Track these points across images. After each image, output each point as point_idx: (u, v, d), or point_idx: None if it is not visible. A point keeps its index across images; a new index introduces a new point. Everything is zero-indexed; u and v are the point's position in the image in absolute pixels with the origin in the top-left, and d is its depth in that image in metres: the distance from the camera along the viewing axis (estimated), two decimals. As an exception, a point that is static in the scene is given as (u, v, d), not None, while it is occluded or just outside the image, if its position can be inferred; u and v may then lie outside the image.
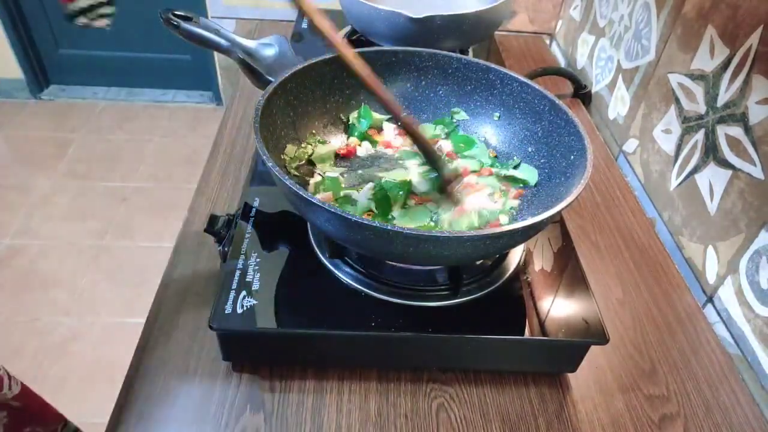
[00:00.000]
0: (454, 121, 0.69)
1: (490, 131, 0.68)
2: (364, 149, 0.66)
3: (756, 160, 0.60)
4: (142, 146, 2.20)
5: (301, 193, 0.44)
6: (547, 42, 1.31)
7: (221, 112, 0.95)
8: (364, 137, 0.67)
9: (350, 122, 0.68)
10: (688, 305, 0.66)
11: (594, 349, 0.54)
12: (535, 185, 0.61)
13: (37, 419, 0.68)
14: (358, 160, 0.66)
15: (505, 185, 0.62)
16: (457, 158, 0.65)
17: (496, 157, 0.66)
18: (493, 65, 0.65)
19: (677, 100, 0.76)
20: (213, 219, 0.60)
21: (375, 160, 0.66)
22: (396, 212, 0.57)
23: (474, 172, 0.64)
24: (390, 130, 0.69)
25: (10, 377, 0.63)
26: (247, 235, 0.58)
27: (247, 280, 0.53)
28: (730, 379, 0.58)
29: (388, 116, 0.69)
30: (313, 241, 0.58)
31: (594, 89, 1.03)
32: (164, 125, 2.33)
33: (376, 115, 0.68)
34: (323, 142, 0.66)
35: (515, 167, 0.64)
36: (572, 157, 0.56)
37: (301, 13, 0.54)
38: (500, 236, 0.45)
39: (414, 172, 0.63)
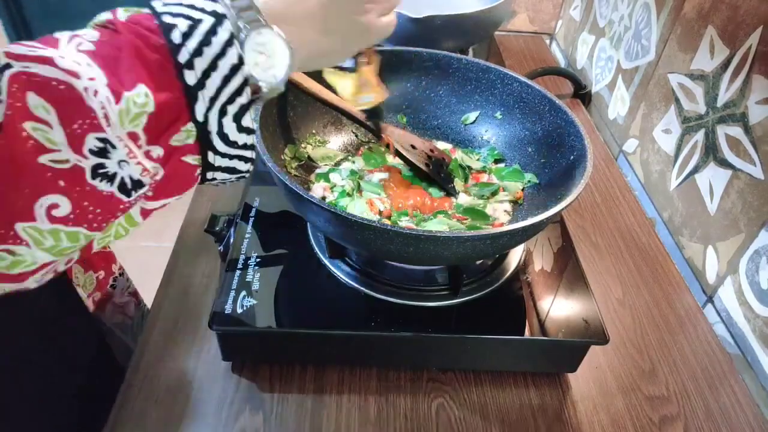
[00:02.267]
0: (490, 148, 0.68)
1: (490, 131, 0.68)
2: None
3: (756, 160, 0.60)
4: (142, 146, 2.20)
5: (301, 193, 0.44)
6: (547, 42, 1.31)
7: (221, 112, 0.94)
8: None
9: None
10: (688, 305, 0.66)
11: (594, 349, 0.54)
12: (536, 185, 0.61)
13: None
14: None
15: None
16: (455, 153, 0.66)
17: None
18: (493, 65, 0.65)
19: (677, 100, 0.76)
20: (213, 219, 0.60)
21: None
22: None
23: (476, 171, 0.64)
24: None
25: None
26: (247, 235, 0.58)
27: (247, 280, 0.53)
28: (730, 379, 0.58)
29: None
30: (313, 241, 0.58)
31: (594, 89, 1.03)
32: (164, 125, 2.33)
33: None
34: (323, 142, 0.66)
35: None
36: (572, 157, 0.56)
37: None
38: (500, 236, 0.45)
39: None
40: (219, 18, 0.31)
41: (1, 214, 0.26)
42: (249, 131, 0.34)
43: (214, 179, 0.35)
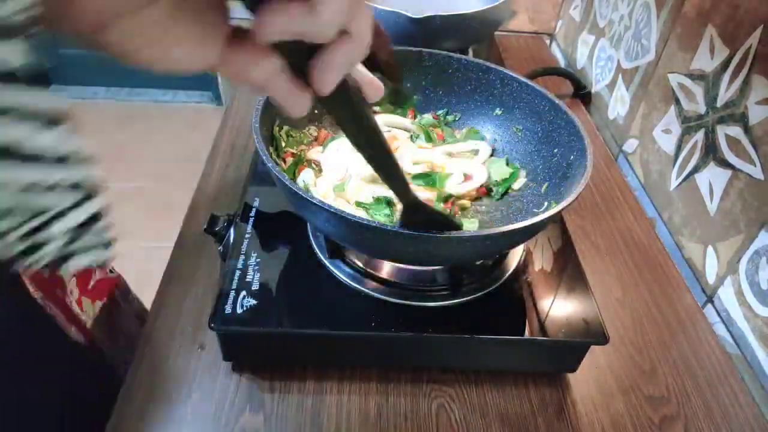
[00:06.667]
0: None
1: (490, 132, 0.68)
2: None
3: (756, 160, 0.60)
4: (142, 146, 2.20)
5: (301, 193, 0.44)
6: (547, 42, 1.31)
7: (221, 112, 0.94)
8: None
9: None
10: (688, 305, 0.66)
11: (594, 349, 0.54)
12: (536, 185, 0.61)
13: None
14: None
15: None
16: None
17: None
18: (493, 65, 0.65)
19: (677, 100, 0.76)
20: (213, 219, 0.60)
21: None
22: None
23: None
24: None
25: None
26: (247, 235, 0.58)
27: (247, 280, 0.53)
28: (730, 379, 0.58)
29: None
30: (313, 241, 0.58)
31: (594, 89, 1.03)
32: (164, 125, 2.33)
33: None
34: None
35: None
36: (572, 157, 0.56)
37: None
38: (500, 236, 0.45)
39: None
40: None
41: None
42: None
43: None
